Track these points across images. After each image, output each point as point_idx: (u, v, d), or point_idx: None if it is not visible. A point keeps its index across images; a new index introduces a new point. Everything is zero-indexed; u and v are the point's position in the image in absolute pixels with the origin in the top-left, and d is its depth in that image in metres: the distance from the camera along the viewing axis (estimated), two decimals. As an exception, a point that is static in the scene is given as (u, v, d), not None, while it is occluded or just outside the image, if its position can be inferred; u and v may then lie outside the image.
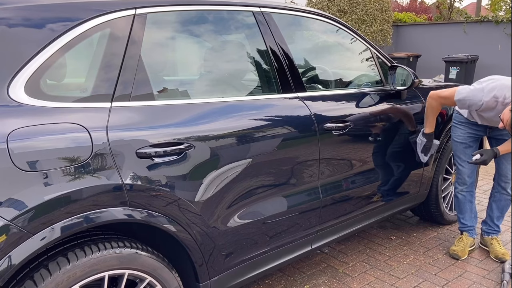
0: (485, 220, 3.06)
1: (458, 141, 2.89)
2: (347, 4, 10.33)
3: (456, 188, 2.99)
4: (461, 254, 2.89)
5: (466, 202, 2.96)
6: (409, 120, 2.86)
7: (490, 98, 2.47)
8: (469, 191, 2.95)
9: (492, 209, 3.00)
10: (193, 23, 2.08)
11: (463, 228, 3.01)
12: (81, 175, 1.50)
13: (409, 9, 15.28)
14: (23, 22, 1.54)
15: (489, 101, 2.47)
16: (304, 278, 2.72)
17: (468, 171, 2.89)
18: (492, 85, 2.49)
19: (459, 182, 2.96)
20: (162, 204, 1.71)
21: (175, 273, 1.82)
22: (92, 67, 1.70)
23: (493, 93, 2.46)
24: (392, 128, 2.77)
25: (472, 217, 3.00)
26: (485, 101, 2.48)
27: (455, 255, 2.90)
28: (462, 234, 3.01)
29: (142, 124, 1.68)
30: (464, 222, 3.00)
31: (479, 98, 2.50)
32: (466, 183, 2.92)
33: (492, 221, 3.01)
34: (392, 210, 2.98)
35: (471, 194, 2.96)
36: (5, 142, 1.36)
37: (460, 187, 2.95)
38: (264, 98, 2.19)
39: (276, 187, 2.14)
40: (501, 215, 3.00)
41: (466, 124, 2.85)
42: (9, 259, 1.36)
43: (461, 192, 2.96)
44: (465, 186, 2.93)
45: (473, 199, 2.98)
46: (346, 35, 2.79)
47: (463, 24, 10.15)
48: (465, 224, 3.00)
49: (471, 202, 2.97)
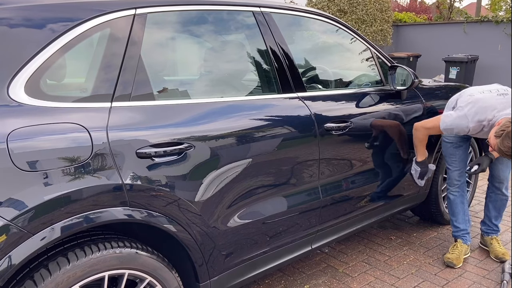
0: (484, 220, 3.06)
1: (447, 141, 2.87)
2: (347, 4, 10.33)
3: (448, 189, 2.96)
4: (456, 262, 2.82)
5: (458, 203, 2.91)
6: (409, 120, 2.86)
7: (475, 124, 2.47)
8: (460, 192, 2.91)
9: (489, 209, 3.00)
10: (193, 23, 2.08)
11: (457, 233, 2.95)
12: (81, 175, 1.50)
13: (409, 9, 15.28)
14: (23, 22, 1.54)
15: (475, 126, 2.47)
16: (304, 278, 2.72)
17: (457, 171, 2.86)
18: (474, 110, 2.47)
19: (449, 183, 2.94)
20: (162, 204, 1.71)
21: (175, 273, 1.82)
22: (92, 67, 1.70)
23: (476, 117, 2.46)
24: (392, 128, 2.77)
25: (466, 220, 2.93)
26: (471, 127, 2.48)
27: (450, 263, 2.83)
28: (456, 241, 2.94)
29: (142, 124, 1.68)
30: (457, 226, 2.93)
31: (465, 125, 2.49)
32: (456, 183, 2.89)
33: (490, 221, 3.01)
34: (392, 210, 2.98)
35: (462, 194, 2.92)
36: (5, 142, 1.36)
37: (451, 187, 2.93)
38: (264, 98, 2.19)
39: (276, 187, 2.14)
40: (499, 214, 2.99)
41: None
42: (9, 259, 1.36)
43: (452, 192, 2.92)
44: (455, 186, 2.90)
45: (464, 200, 2.93)
46: (346, 35, 2.79)
47: (463, 24, 10.15)
48: (458, 228, 2.93)
49: (462, 203, 2.92)
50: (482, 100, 2.49)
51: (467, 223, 2.94)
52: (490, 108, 2.45)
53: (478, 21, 10.03)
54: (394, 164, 2.84)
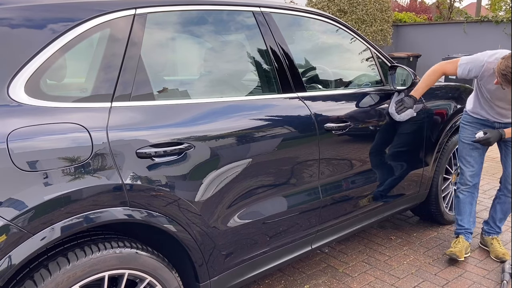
0: (487, 220, 3.05)
1: (465, 142, 2.86)
2: (347, 4, 10.33)
3: (458, 187, 2.96)
4: (459, 255, 2.81)
5: (466, 203, 2.90)
6: (409, 120, 2.86)
7: (493, 60, 2.53)
8: (471, 192, 2.90)
9: (495, 211, 2.98)
10: (193, 23, 2.08)
11: (460, 230, 2.94)
12: (81, 175, 1.50)
13: (409, 9, 15.28)
14: (23, 22, 1.54)
15: (492, 62, 2.52)
16: (304, 278, 2.72)
17: (471, 172, 2.86)
18: (493, 52, 2.59)
19: (461, 182, 2.93)
20: (162, 204, 1.71)
21: (175, 273, 1.82)
22: (92, 67, 1.70)
23: (495, 56, 2.53)
24: (392, 128, 2.77)
25: (470, 221, 2.93)
26: (487, 62, 2.55)
27: (453, 254, 2.81)
28: (458, 237, 2.93)
29: (142, 124, 1.68)
30: (461, 224, 2.93)
31: (481, 60, 2.58)
32: (468, 183, 2.88)
33: (494, 223, 3.00)
34: (392, 210, 2.98)
35: (472, 196, 2.91)
36: (5, 142, 1.36)
37: (462, 186, 2.92)
38: (264, 98, 2.19)
39: (276, 187, 2.14)
40: (504, 217, 2.98)
41: (474, 124, 2.83)
42: (9, 259, 1.36)
43: (463, 191, 2.92)
44: (467, 186, 2.89)
45: (473, 201, 2.93)
46: (346, 35, 2.79)
47: (463, 24, 10.16)
48: (462, 226, 2.92)
49: (471, 204, 2.91)
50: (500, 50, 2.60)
51: (472, 224, 2.94)
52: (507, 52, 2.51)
53: (478, 21, 10.04)
54: (394, 164, 2.84)
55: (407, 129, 2.85)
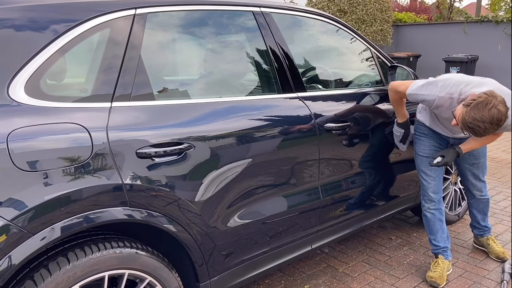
0: (472, 223, 3.03)
1: (422, 155, 2.68)
2: (347, 4, 10.33)
3: (423, 206, 2.75)
4: (440, 281, 2.61)
5: (436, 221, 2.72)
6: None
7: (444, 94, 2.32)
8: (438, 209, 2.71)
9: (474, 214, 2.97)
10: (193, 23, 2.08)
11: (437, 250, 2.75)
12: (81, 175, 1.50)
13: (409, 9, 15.28)
14: (23, 22, 1.54)
15: (443, 97, 2.32)
16: (304, 278, 2.72)
17: (433, 187, 2.68)
18: (447, 82, 2.34)
19: (425, 200, 2.73)
20: (162, 204, 1.71)
21: (175, 273, 1.82)
22: (92, 67, 1.70)
23: (447, 89, 2.32)
24: (392, 128, 2.77)
25: (444, 237, 2.75)
26: (439, 97, 2.33)
27: (433, 282, 2.61)
28: (437, 258, 2.74)
29: (142, 124, 1.68)
30: (436, 244, 2.74)
31: (434, 93, 2.34)
32: (433, 200, 2.69)
33: (479, 224, 2.98)
34: (392, 210, 2.98)
35: (440, 212, 2.73)
36: (5, 142, 1.36)
37: (427, 204, 2.72)
38: (264, 98, 2.19)
39: (276, 187, 2.14)
40: (485, 215, 2.96)
41: (429, 136, 2.67)
42: (9, 259, 1.36)
43: (429, 210, 2.72)
44: (432, 203, 2.70)
45: (442, 217, 2.74)
46: (346, 35, 2.79)
47: (463, 24, 10.16)
48: (438, 246, 2.74)
49: (441, 220, 2.73)
50: (459, 76, 2.40)
51: (446, 240, 2.76)
52: (464, 83, 2.31)
53: (478, 21, 10.04)
54: (394, 164, 2.84)
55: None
